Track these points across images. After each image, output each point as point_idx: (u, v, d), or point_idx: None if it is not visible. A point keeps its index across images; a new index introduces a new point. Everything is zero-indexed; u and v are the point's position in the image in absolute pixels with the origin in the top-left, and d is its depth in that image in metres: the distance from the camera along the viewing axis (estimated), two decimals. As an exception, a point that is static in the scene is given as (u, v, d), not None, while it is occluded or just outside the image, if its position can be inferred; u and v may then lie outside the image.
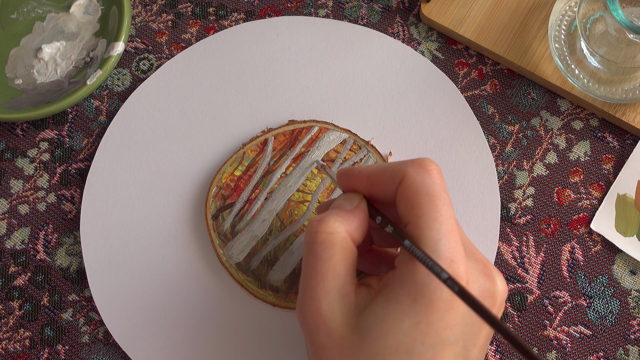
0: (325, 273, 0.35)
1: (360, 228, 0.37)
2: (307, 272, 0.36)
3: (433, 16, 0.51)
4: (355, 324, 0.34)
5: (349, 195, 0.38)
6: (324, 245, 0.35)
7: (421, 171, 0.36)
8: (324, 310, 0.35)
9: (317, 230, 0.36)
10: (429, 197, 0.35)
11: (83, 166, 0.50)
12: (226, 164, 0.48)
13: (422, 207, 0.34)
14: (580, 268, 0.47)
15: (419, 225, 0.34)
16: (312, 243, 0.36)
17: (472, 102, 0.50)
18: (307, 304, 0.35)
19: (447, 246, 0.34)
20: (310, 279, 0.35)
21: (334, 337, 0.34)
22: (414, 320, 0.33)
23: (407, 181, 0.35)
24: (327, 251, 0.35)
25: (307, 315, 0.35)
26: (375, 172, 0.37)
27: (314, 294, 0.35)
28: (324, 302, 0.35)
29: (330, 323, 0.34)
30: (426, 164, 0.36)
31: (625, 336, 0.46)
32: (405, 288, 0.33)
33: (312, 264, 0.36)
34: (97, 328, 0.47)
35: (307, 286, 0.36)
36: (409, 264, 0.34)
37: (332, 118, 0.50)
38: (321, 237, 0.35)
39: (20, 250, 0.49)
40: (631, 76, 0.48)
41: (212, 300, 0.47)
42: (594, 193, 0.48)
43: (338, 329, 0.34)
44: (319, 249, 0.35)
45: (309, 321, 0.35)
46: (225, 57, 0.51)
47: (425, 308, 0.33)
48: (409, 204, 0.35)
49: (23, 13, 0.53)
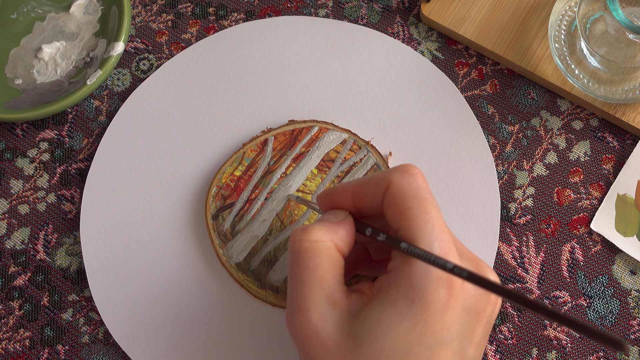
0: (313, 282, 0.34)
1: (346, 239, 0.36)
2: (294, 282, 0.35)
3: (433, 16, 0.51)
4: (350, 330, 0.34)
5: (334, 210, 0.38)
6: (309, 254, 0.35)
7: (406, 176, 0.36)
8: (314, 320, 0.34)
9: (300, 239, 0.35)
10: (417, 200, 0.35)
11: (83, 166, 0.50)
12: (226, 164, 0.48)
13: (411, 210, 0.35)
14: (580, 268, 0.47)
15: (411, 228, 0.34)
16: (297, 252, 0.35)
17: (472, 102, 0.50)
18: (296, 315, 0.35)
19: (441, 246, 0.34)
20: (297, 289, 0.35)
21: (327, 346, 0.34)
22: (411, 322, 0.33)
23: (393, 187, 0.36)
24: (312, 260, 0.35)
25: (297, 326, 0.34)
26: (359, 184, 0.37)
27: (302, 304, 0.34)
28: (313, 312, 0.34)
29: (321, 332, 0.34)
30: (409, 169, 0.36)
31: (625, 336, 0.46)
32: (401, 291, 0.33)
33: (297, 274, 0.35)
34: (97, 328, 0.47)
35: (295, 297, 0.35)
36: (405, 267, 0.34)
37: (332, 118, 0.50)
38: (305, 245, 0.35)
39: (20, 250, 0.49)
40: (631, 76, 0.48)
41: (212, 300, 0.47)
42: (594, 193, 0.48)
43: (331, 338, 0.34)
44: (303, 258, 0.35)
45: (300, 332, 0.34)
46: (225, 57, 0.51)
47: (422, 310, 0.33)
48: (397, 209, 0.35)
49: (23, 13, 0.53)
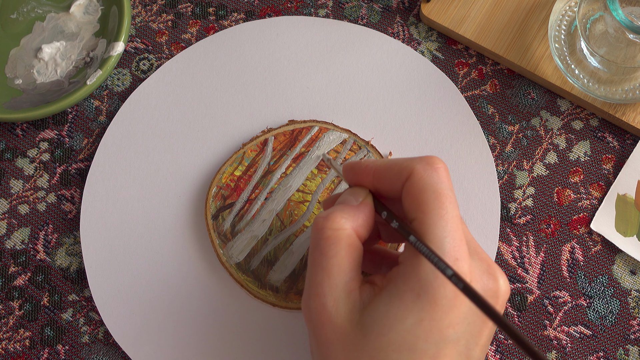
0: (331, 269, 0.35)
1: (366, 224, 0.37)
2: (313, 268, 0.36)
3: (433, 16, 0.51)
4: (359, 320, 0.34)
5: (354, 190, 0.38)
6: (330, 241, 0.35)
7: (429, 169, 0.36)
8: (329, 306, 0.35)
9: (323, 226, 0.36)
10: (435, 194, 0.35)
11: (83, 166, 0.50)
12: (226, 164, 0.48)
13: (428, 204, 0.35)
14: (580, 268, 0.47)
15: (425, 221, 0.34)
16: (318, 240, 0.36)
17: (472, 102, 0.50)
18: (313, 300, 0.35)
19: (452, 244, 0.34)
20: (316, 275, 0.36)
21: (338, 332, 0.34)
22: (417, 317, 0.33)
23: (414, 178, 0.36)
24: (332, 248, 0.35)
25: (313, 310, 0.35)
26: (382, 167, 0.37)
27: (320, 290, 0.35)
28: (329, 298, 0.35)
29: (334, 319, 0.35)
30: (434, 161, 0.36)
31: (625, 336, 0.46)
32: (409, 284, 0.34)
33: (318, 260, 0.36)
34: (97, 328, 0.47)
35: (313, 282, 0.36)
36: (414, 260, 0.34)
37: (332, 118, 0.50)
38: (327, 233, 0.36)
39: (20, 250, 0.49)
40: (631, 76, 0.48)
41: (212, 300, 0.47)
42: (594, 193, 0.48)
43: (342, 325, 0.34)
44: (325, 246, 0.36)
45: (314, 317, 0.35)
46: (225, 57, 0.51)
47: (428, 305, 0.33)
48: (415, 200, 0.35)
49: (23, 13, 0.53)
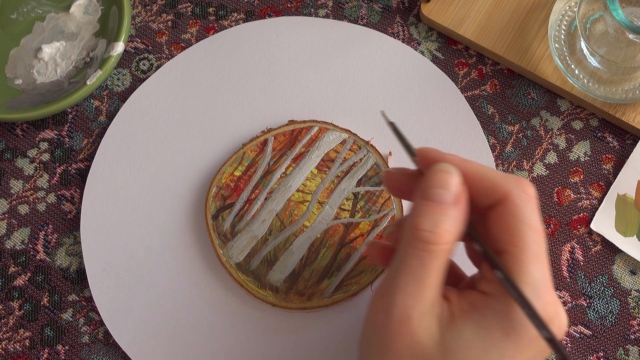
0: (426, 282, 0.33)
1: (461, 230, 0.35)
2: (407, 277, 0.34)
3: (433, 16, 0.51)
4: (439, 340, 0.33)
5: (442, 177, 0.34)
6: (434, 255, 0.33)
7: (524, 197, 0.34)
8: (414, 320, 0.33)
9: (432, 241, 0.34)
10: (533, 231, 0.33)
11: (83, 166, 0.50)
12: (226, 164, 0.48)
13: (524, 239, 0.33)
14: (580, 268, 0.47)
15: (520, 259, 0.33)
16: (421, 250, 0.34)
17: (472, 102, 0.50)
18: (398, 308, 0.33)
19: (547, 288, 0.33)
20: (407, 284, 0.33)
21: (415, 348, 0.33)
22: (501, 353, 0.32)
23: (510, 205, 0.33)
24: (435, 262, 0.33)
25: (394, 320, 0.33)
26: (472, 173, 0.35)
27: (409, 302, 0.33)
28: (416, 312, 0.33)
29: (416, 333, 0.33)
30: (529, 189, 0.34)
31: (625, 336, 0.46)
32: (500, 323, 0.33)
33: (415, 270, 0.33)
34: (97, 328, 0.47)
35: (402, 291, 0.33)
36: (506, 299, 0.33)
37: (332, 118, 0.50)
38: (432, 247, 0.33)
39: (20, 251, 0.49)
40: (631, 76, 0.48)
41: (212, 300, 0.47)
42: (594, 193, 0.48)
43: (421, 342, 0.33)
44: (426, 258, 0.33)
45: (394, 327, 0.33)
46: (225, 57, 0.51)
47: (513, 343, 0.32)
48: (509, 231, 0.33)
49: (23, 13, 0.53)
